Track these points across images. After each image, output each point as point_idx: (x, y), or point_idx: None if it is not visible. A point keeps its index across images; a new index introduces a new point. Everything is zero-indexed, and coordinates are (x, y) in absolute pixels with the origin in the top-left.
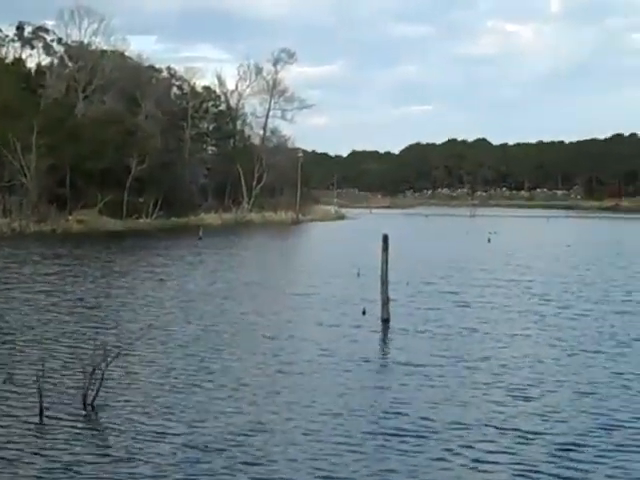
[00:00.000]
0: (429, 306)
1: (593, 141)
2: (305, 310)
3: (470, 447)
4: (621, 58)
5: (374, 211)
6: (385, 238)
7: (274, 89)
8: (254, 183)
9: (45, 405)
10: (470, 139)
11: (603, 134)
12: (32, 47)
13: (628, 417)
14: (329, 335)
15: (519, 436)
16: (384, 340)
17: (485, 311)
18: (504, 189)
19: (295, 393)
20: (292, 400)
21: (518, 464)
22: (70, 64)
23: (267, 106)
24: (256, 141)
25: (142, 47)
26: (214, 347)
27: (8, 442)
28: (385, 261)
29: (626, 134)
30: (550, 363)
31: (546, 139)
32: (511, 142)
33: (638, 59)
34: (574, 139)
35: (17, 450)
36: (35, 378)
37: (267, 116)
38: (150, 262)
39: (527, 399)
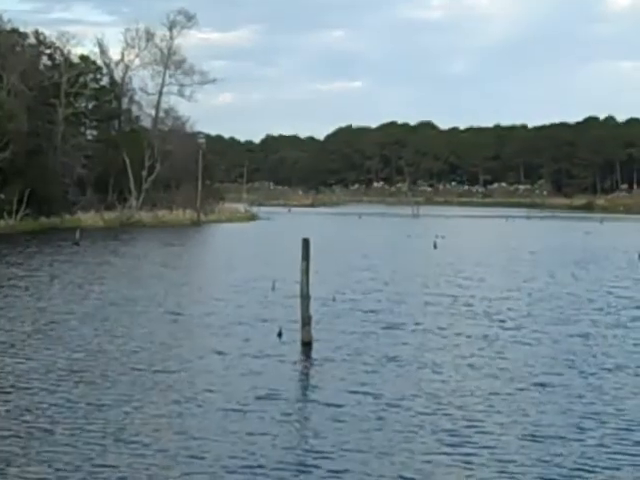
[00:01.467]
0: (359, 328)
1: (562, 126)
2: (201, 335)
3: None
4: (594, 26)
5: (294, 210)
6: (306, 243)
7: (169, 59)
8: (144, 175)
9: None
10: (412, 122)
11: (574, 117)
12: None
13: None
14: (232, 366)
15: None
16: (303, 371)
17: (425, 335)
18: (454, 183)
19: (179, 449)
20: (174, 462)
21: None
22: None
23: (160, 80)
24: (147, 123)
25: (3, 6)
26: (55, 386)
27: None
28: (306, 271)
29: (601, 117)
30: (493, 400)
31: (505, 123)
32: (462, 126)
33: (614, 26)
34: (539, 123)
35: None
36: None
37: (160, 93)
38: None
39: (464, 445)
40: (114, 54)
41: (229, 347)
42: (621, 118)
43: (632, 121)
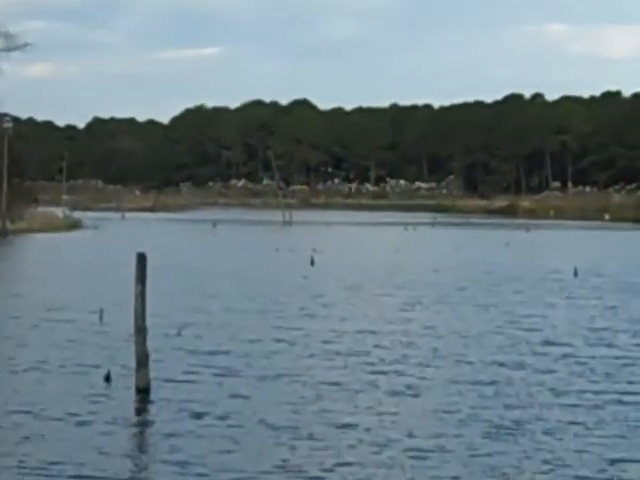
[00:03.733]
0: (211, 371)
1: (477, 105)
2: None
3: None
4: None
5: (129, 216)
6: (141, 260)
7: None
8: None
9: None
10: (283, 101)
11: (492, 95)
12: None
13: None
14: (38, 426)
15: None
16: (139, 428)
17: (290, 385)
18: (338, 181)
19: None
20: None
21: None
22: None
23: None
24: None
25: None
26: None
27: None
28: (141, 297)
29: (527, 95)
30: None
31: (404, 102)
32: (348, 107)
33: None
34: (447, 102)
35: None
36: None
37: None
38: None
39: None
40: None
41: (39, 396)
42: (551, 96)
43: (565, 100)
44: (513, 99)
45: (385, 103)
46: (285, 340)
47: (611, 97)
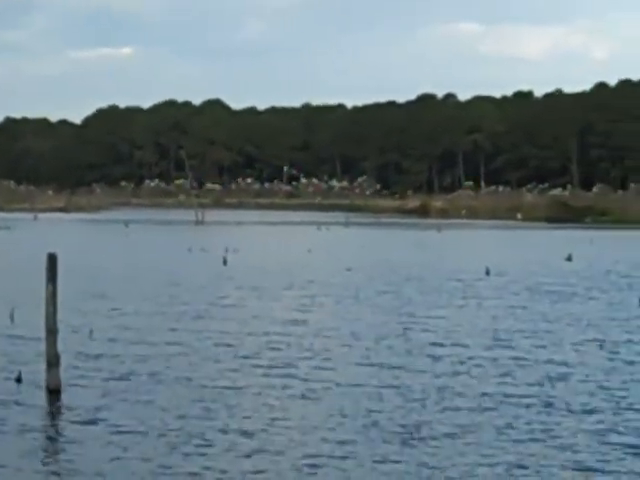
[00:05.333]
0: (123, 370)
1: (390, 106)
2: None
3: None
4: None
5: (42, 216)
6: (52, 260)
7: None
8: None
9: None
10: (196, 101)
11: (405, 95)
12: None
13: None
14: None
15: None
16: (48, 431)
17: (187, 389)
18: (250, 180)
19: None
20: None
21: None
22: None
23: None
24: None
25: None
26: None
27: None
28: (52, 298)
29: (439, 95)
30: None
31: (317, 102)
32: (261, 106)
33: None
34: (360, 102)
35: None
36: None
37: None
38: None
39: None
40: None
41: None
42: (464, 96)
43: (477, 100)
44: (426, 99)
45: (297, 103)
46: (183, 343)
47: (523, 97)
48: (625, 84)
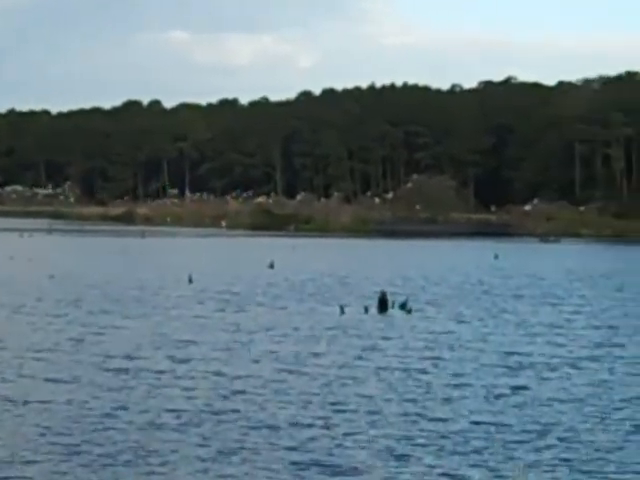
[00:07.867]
0: None
1: (95, 112)
2: None
3: None
4: None
5: None
6: None
7: None
8: None
9: None
10: None
11: (111, 101)
12: None
13: None
14: None
15: None
16: None
17: None
18: None
19: None
20: None
21: None
22: None
23: None
24: None
25: None
26: None
27: None
28: None
29: (145, 102)
30: None
31: (21, 107)
32: None
33: None
34: (65, 108)
35: None
36: None
37: None
38: None
39: None
40: None
41: None
42: (171, 104)
43: (183, 108)
44: (131, 106)
45: (3, 109)
46: None
47: (229, 105)
48: (329, 93)
